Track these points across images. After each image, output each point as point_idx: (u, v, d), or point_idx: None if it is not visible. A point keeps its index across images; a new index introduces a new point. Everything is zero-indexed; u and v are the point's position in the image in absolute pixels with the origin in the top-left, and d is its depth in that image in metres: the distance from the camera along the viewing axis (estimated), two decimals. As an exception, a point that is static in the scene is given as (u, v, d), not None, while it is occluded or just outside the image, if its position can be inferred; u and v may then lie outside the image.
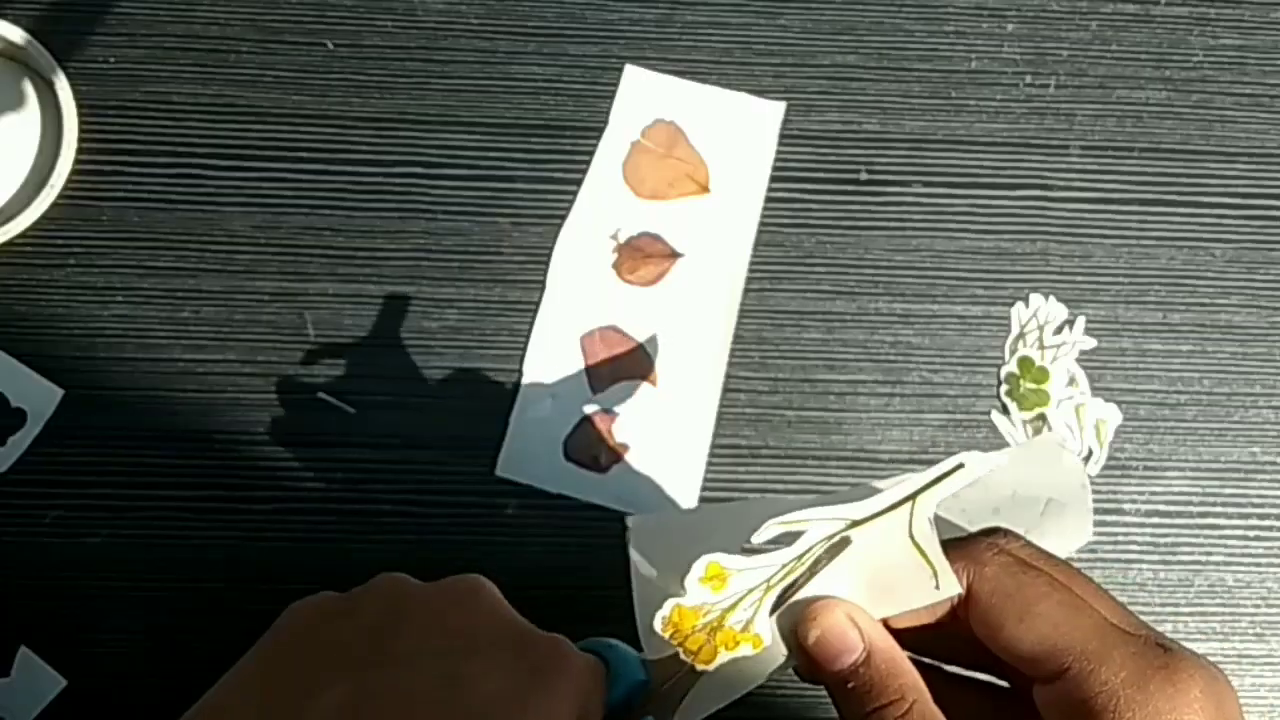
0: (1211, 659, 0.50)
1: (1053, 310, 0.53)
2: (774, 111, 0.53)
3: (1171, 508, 0.52)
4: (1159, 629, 0.51)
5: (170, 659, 0.48)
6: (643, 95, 0.53)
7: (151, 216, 0.51)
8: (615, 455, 0.50)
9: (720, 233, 0.52)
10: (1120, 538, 0.51)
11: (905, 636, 0.32)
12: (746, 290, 0.52)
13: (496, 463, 0.50)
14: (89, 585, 0.49)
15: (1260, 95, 0.55)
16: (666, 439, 0.51)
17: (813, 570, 0.31)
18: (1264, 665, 0.51)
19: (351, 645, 0.28)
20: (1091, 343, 0.52)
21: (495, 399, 0.50)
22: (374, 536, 0.49)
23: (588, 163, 0.52)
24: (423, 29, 0.53)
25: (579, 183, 0.52)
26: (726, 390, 0.51)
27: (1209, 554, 0.51)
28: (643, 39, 0.54)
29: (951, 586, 0.30)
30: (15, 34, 0.50)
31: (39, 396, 0.49)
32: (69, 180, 0.50)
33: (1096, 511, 0.51)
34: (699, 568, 0.30)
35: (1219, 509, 0.52)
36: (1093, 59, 0.55)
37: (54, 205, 0.50)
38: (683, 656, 0.32)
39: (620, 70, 0.53)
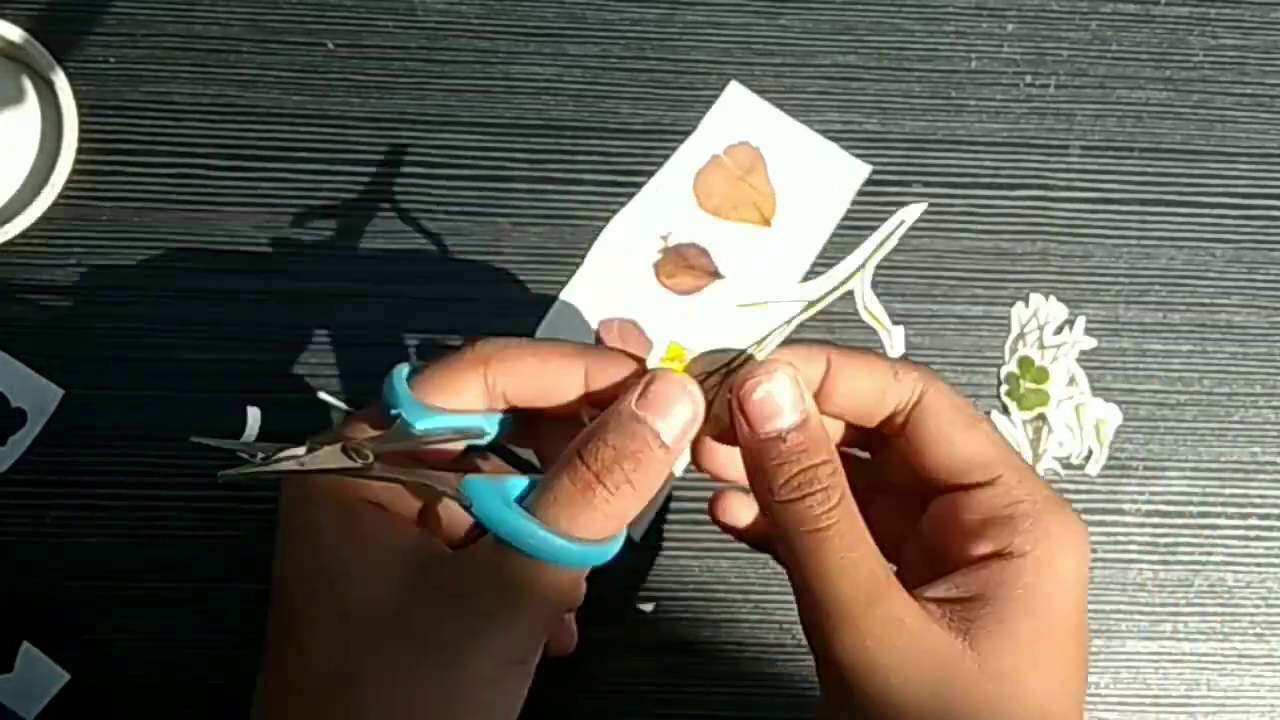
0: (1211, 659, 0.50)
1: (1053, 310, 0.53)
2: (858, 171, 0.53)
3: (1171, 508, 0.52)
4: (1159, 629, 0.51)
5: (170, 657, 0.48)
6: (738, 113, 0.53)
7: (151, 216, 0.51)
8: None
9: (767, 270, 0.52)
10: (1120, 538, 0.51)
11: None
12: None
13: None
14: (89, 584, 0.49)
15: (1260, 95, 0.55)
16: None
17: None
18: (1264, 665, 0.51)
19: (297, 545, 0.34)
20: (1091, 343, 0.52)
21: (495, 399, 0.50)
22: (374, 536, 0.49)
23: (588, 163, 0.52)
24: (423, 29, 0.53)
25: (579, 183, 0.52)
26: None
27: (1209, 554, 0.51)
28: (643, 39, 0.54)
29: (899, 347, 0.33)
30: (14, 33, 0.50)
31: (39, 396, 0.49)
32: (69, 180, 0.50)
33: (1096, 511, 0.51)
34: (660, 349, 0.34)
35: (1219, 509, 0.52)
36: (1093, 59, 0.55)
37: (54, 205, 0.50)
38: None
39: (619, 70, 0.53)
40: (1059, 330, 0.53)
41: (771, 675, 0.50)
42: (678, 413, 0.31)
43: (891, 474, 0.35)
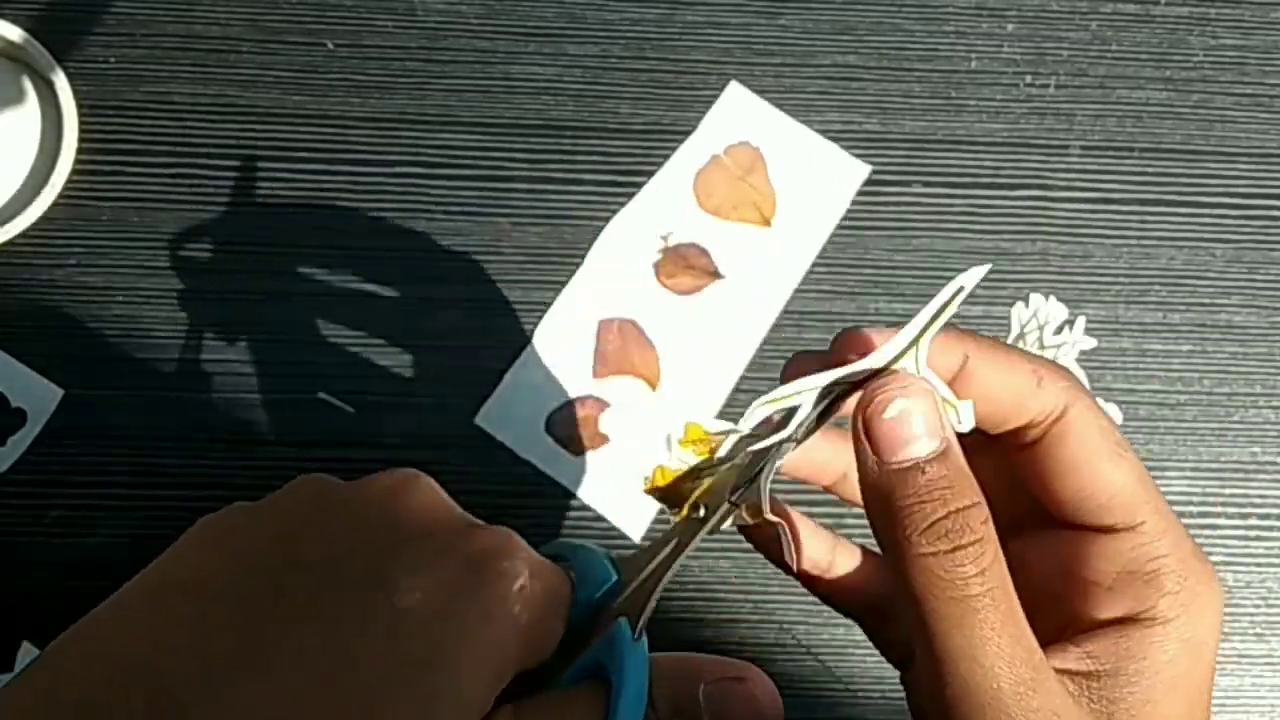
0: (1211, 659, 0.50)
1: (1053, 310, 0.53)
2: (858, 171, 0.53)
3: (1171, 508, 0.52)
4: (1159, 629, 0.51)
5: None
6: (738, 113, 0.53)
7: (151, 216, 0.51)
8: (593, 443, 0.50)
9: (767, 269, 0.52)
10: (1120, 538, 0.51)
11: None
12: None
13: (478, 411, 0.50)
14: (89, 584, 0.49)
15: (1260, 95, 0.55)
16: (649, 444, 0.51)
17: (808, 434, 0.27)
18: (1264, 665, 0.51)
19: (258, 555, 0.24)
20: (1091, 343, 0.52)
21: (495, 399, 0.51)
22: (374, 536, 0.49)
23: (588, 163, 0.52)
24: (423, 29, 0.53)
25: (579, 183, 0.52)
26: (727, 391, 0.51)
27: (1209, 554, 0.51)
28: (643, 39, 0.54)
29: (969, 421, 0.26)
30: (14, 33, 0.50)
31: (39, 396, 0.49)
32: (69, 180, 0.50)
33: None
34: (678, 429, 0.28)
35: (1219, 509, 0.52)
36: (1093, 59, 0.55)
37: (54, 205, 0.50)
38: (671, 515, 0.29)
39: (619, 70, 0.53)
40: (1059, 330, 0.53)
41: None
42: None
43: (991, 490, 0.27)
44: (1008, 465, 0.28)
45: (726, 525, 0.28)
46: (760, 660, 0.50)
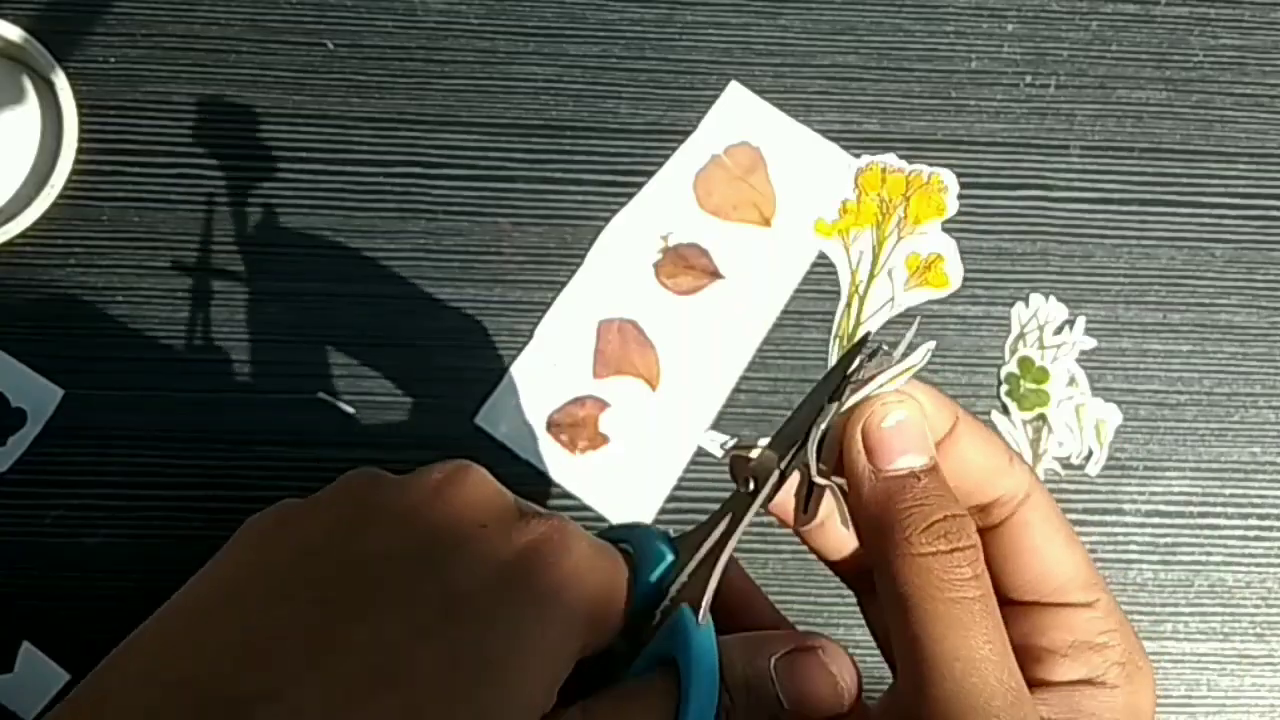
0: (1211, 659, 0.50)
1: (1053, 310, 0.53)
2: None
3: (1171, 508, 0.52)
4: (1159, 629, 0.51)
5: (170, 659, 0.48)
6: (738, 114, 0.53)
7: (151, 216, 0.51)
8: (593, 443, 0.50)
9: (767, 269, 0.52)
10: (1120, 538, 0.51)
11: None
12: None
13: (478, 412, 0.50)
14: (89, 584, 0.49)
15: (1260, 95, 0.55)
16: (649, 444, 0.51)
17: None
18: (1264, 665, 0.51)
19: (310, 555, 0.24)
20: (1091, 343, 0.52)
21: (495, 399, 0.51)
22: (374, 536, 0.49)
23: (588, 163, 0.52)
24: (423, 29, 0.53)
25: (579, 183, 0.52)
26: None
27: (1209, 554, 0.51)
28: (643, 39, 0.54)
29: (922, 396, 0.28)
30: (14, 33, 0.50)
31: (39, 396, 0.49)
32: (69, 180, 0.50)
33: (1096, 511, 0.51)
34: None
35: (1219, 509, 0.52)
36: (1093, 59, 0.55)
37: (54, 205, 0.50)
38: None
39: (619, 70, 0.53)
40: (1059, 330, 0.53)
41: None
42: None
43: None
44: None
45: (780, 496, 0.28)
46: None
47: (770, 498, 0.28)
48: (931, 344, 0.28)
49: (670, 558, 0.27)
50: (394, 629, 0.22)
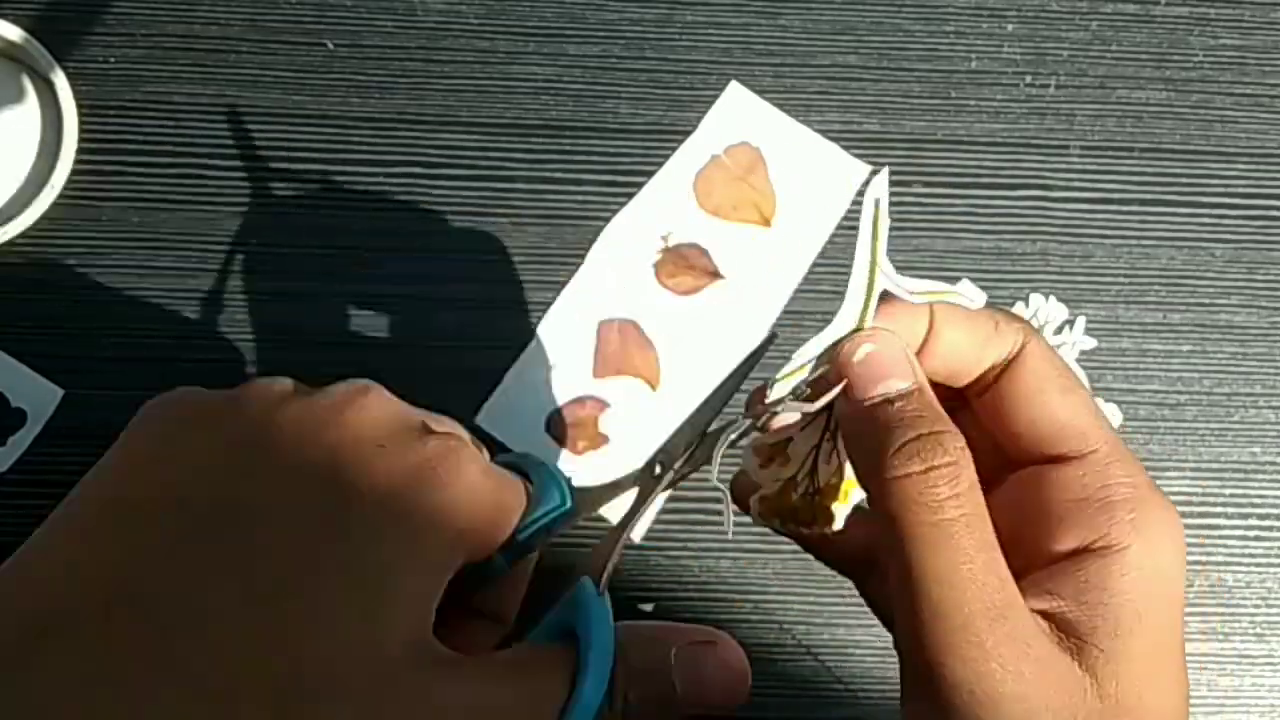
0: (1211, 659, 0.50)
1: (1053, 310, 0.53)
2: (858, 171, 0.53)
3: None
4: (1159, 629, 0.51)
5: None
6: (738, 113, 0.53)
7: (152, 216, 0.51)
8: (593, 443, 0.50)
9: (767, 270, 0.52)
10: (1120, 538, 0.51)
11: None
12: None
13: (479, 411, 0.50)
14: (89, 585, 0.49)
15: (1260, 95, 0.55)
16: (649, 444, 0.50)
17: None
18: (1264, 665, 0.51)
19: (206, 467, 0.25)
20: (1091, 343, 0.52)
21: (495, 399, 0.50)
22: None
23: (588, 163, 0.52)
24: (423, 29, 0.53)
25: (579, 183, 0.52)
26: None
27: (1209, 554, 0.51)
28: (643, 39, 0.54)
29: (979, 296, 0.29)
30: (14, 33, 0.50)
31: (39, 396, 0.49)
32: (69, 180, 0.50)
33: (1096, 511, 0.51)
34: (751, 461, 0.30)
35: (1219, 509, 0.52)
36: (1093, 59, 0.55)
37: (54, 205, 0.50)
38: (805, 533, 0.30)
39: (619, 70, 0.53)
40: (1059, 330, 0.53)
41: (772, 675, 0.50)
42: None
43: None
44: (973, 423, 0.29)
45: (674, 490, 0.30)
46: (760, 660, 0.50)
47: (672, 485, 0.30)
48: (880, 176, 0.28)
49: (566, 505, 0.29)
50: (278, 545, 0.24)
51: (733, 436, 0.28)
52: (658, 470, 0.30)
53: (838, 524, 0.30)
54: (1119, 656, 0.25)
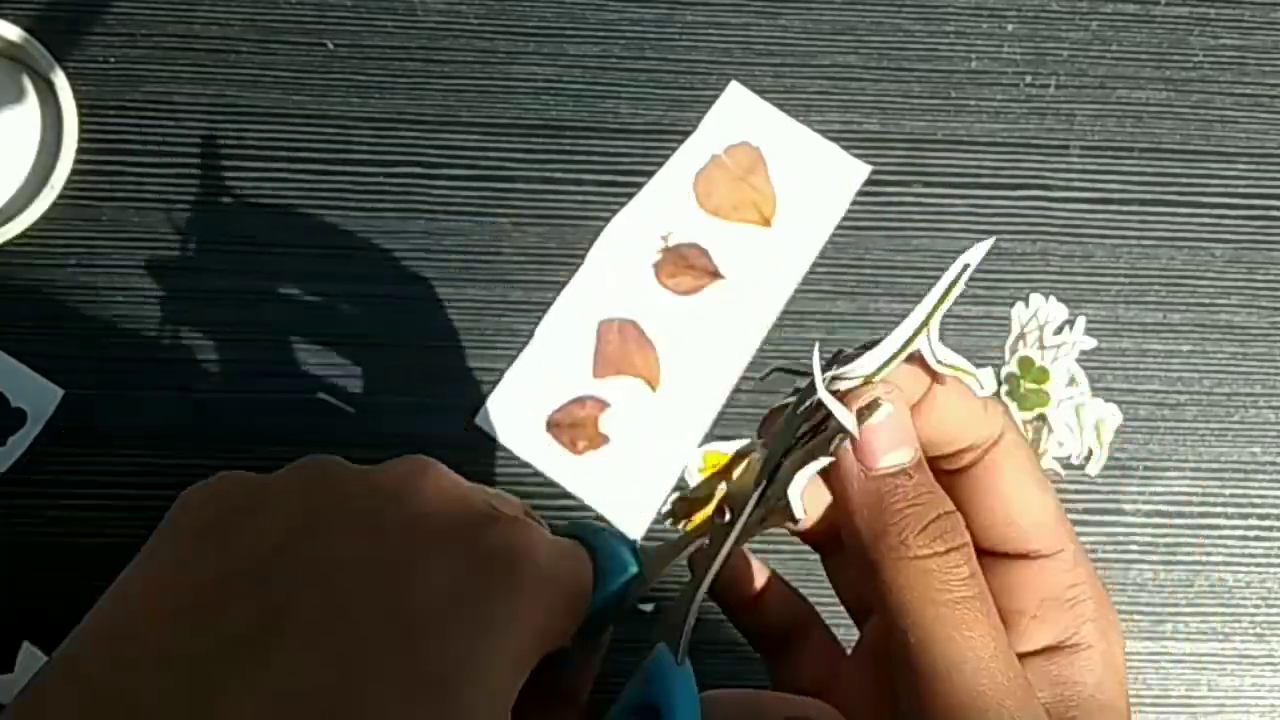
0: (1212, 659, 0.50)
1: (1053, 310, 0.53)
2: (858, 171, 0.53)
3: (1171, 508, 0.52)
4: (1159, 629, 0.51)
5: (170, 659, 0.48)
6: (738, 114, 0.53)
7: (151, 216, 0.51)
8: (593, 443, 0.50)
9: (767, 269, 0.52)
10: (1120, 538, 0.51)
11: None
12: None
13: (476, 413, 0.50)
14: (89, 585, 0.48)
15: (1260, 95, 0.55)
16: (649, 444, 0.51)
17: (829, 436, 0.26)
18: (1264, 665, 0.51)
19: (257, 556, 0.23)
20: (1091, 343, 0.52)
21: (495, 399, 0.50)
22: (374, 536, 0.49)
23: (588, 163, 0.52)
24: (423, 29, 0.53)
25: (579, 183, 0.52)
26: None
27: (1209, 554, 0.51)
28: (643, 39, 0.54)
29: (990, 384, 0.27)
30: (14, 33, 0.50)
31: (39, 396, 0.49)
32: (69, 180, 0.50)
33: (1096, 511, 0.51)
34: (696, 460, 0.28)
35: (1219, 509, 0.52)
36: (1093, 59, 0.55)
37: (54, 205, 0.50)
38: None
39: (619, 70, 0.53)
40: (1059, 330, 0.53)
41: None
42: None
43: None
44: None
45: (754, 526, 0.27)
46: (757, 662, 0.49)
47: (751, 533, 0.26)
48: (986, 244, 0.27)
49: (634, 570, 0.27)
50: (342, 655, 0.21)
51: (812, 471, 0.25)
52: (727, 516, 0.27)
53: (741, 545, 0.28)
54: None
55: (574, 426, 0.50)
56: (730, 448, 0.27)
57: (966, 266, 0.26)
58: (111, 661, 0.22)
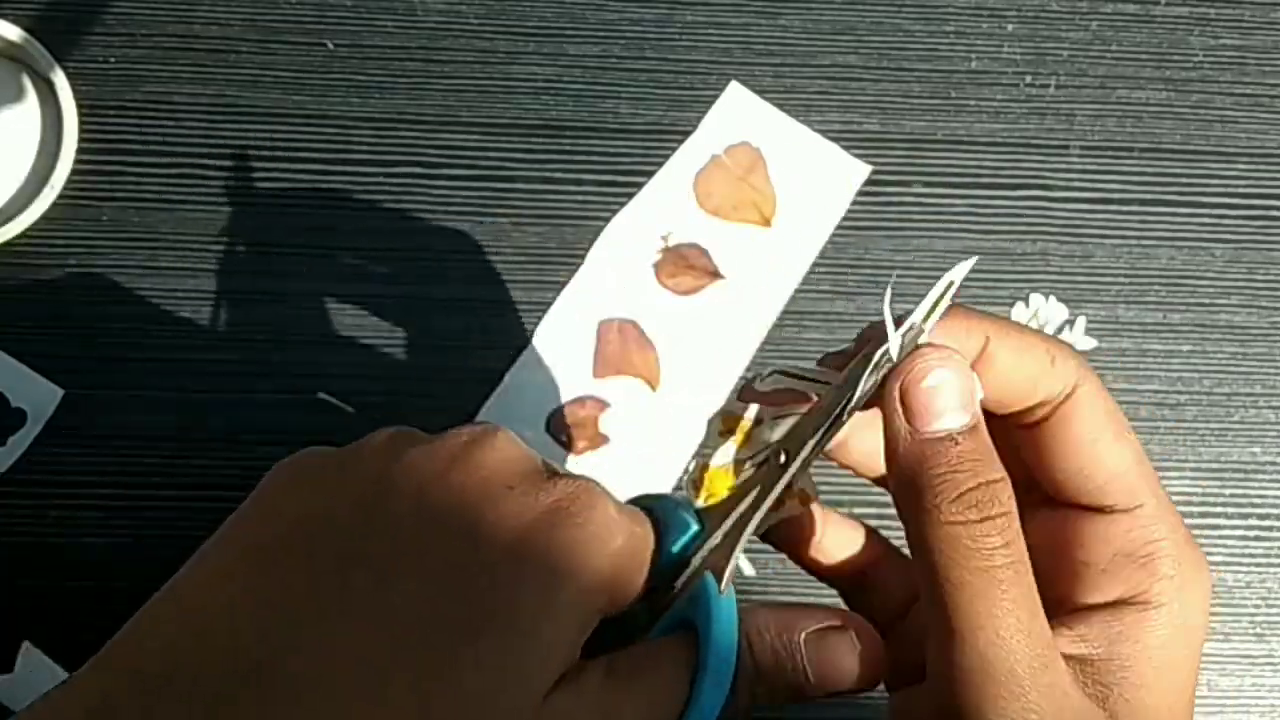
0: (1211, 659, 0.50)
1: (1053, 310, 0.53)
2: (858, 171, 0.53)
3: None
4: (1159, 629, 0.51)
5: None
6: (738, 114, 0.53)
7: (151, 216, 0.51)
8: (593, 444, 0.50)
9: (767, 270, 0.52)
10: (1120, 538, 0.51)
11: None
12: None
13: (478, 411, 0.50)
14: (89, 584, 0.49)
15: (1260, 95, 0.55)
16: (649, 444, 0.51)
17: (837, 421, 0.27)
18: (1264, 665, 0.51)
19: (341, 512, 0.25)
20: (1092, 343, 0.52)
21: (495, 399, 0.50)
22: (374, 536, 0.49)
23: (588, 163, 0.52)
24: (423, 29, 0.53)
25: (579, 183, 0.52)
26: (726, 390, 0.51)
27: (1209, 554, 0.51)
28: (643, 39, 0.54)
29: (980, 391, 0.27)
30: (14, 33, 0.50)
31: (39, 396, 0.49)
32: (69, 180, 0.50)
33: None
34: (715, 422, 0.29)
35: (1219, 509, 0.52)
36: (1093, 59, 0.55)
37: (54, 205, 0.50)
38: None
39: (619, 70, 0.53)
40: (1059, 330, 0.53)
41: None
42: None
43: None
44: (1009, 445, 0.28)
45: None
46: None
47: (800, 471, 0.27)
48: (968, 262, 0.27)
49: (695, 528, 0.27)
50: (417, 594, 0.23)
51: (854, 403, 0.26)
52: (783, 459, 0.27)
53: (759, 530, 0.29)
54: (1143, 708, 0.25)
55: (574, 426, 0.50)
56: (739, 407, 0.29)
57: (951, 284, 0.27)
58: (209, 592, 0.24)
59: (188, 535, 0.51)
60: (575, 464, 0.50)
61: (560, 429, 0.50)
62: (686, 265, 0.52)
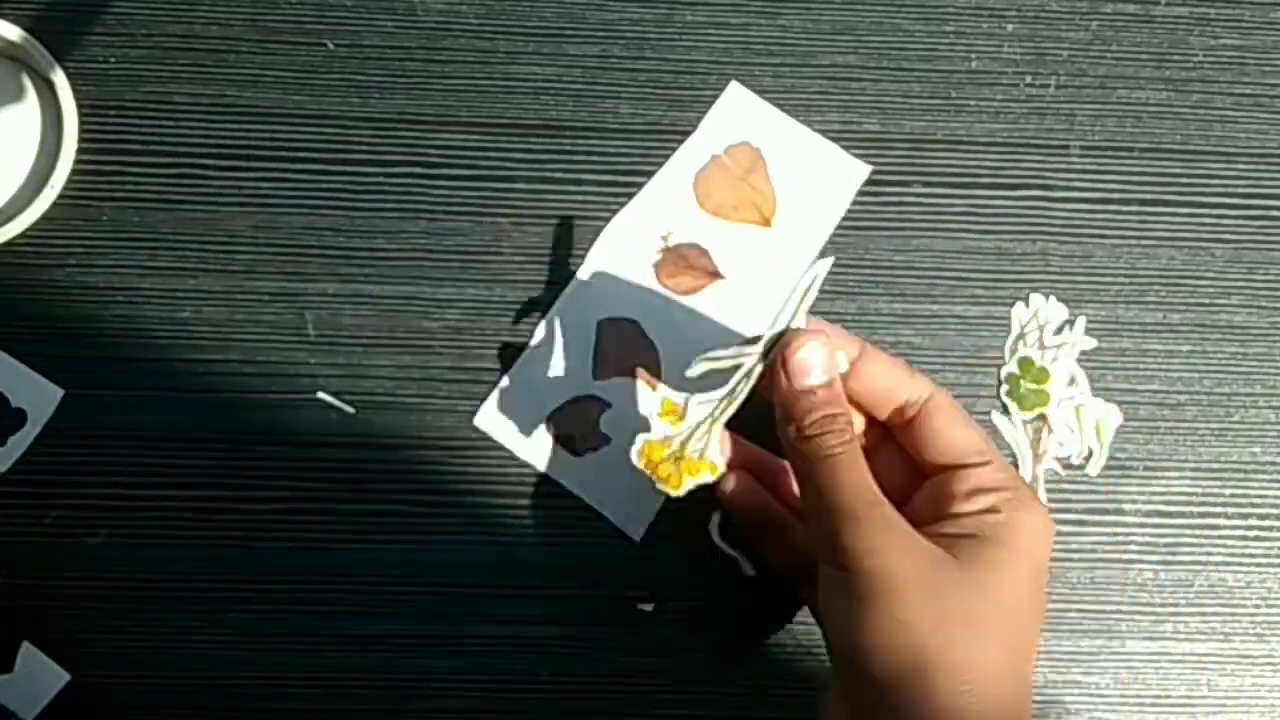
0: (1212, 659, 0.50)
1: (1053, 310, 0.53)
2: (858, 171, 0.53)
3: (1171, 508, 0.52)
4: (1159, 629, 0.51)
5: (169, 657, 0.48)
6: (738, 113, 0.53)
7: (151, 216, 0.51)
8: (594, 444, 0.50)
9: (767, 270, 0.52)
10: (1120, 538, 0.51)
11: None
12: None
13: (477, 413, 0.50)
14: (89, 584, 0.49)
15: (1260, 95, 0.55)
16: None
17: (746, 400, 0.42)
18: (1264, 665, 0.51)
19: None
20: (1092, 343, 0.53)
21: (495, 399, 0.50)
22: (374, 536, 0.49)
23: (588, 163, 0.52)
24: (423, 29, 0.53)
25: (579, 183, 0.52)
26: (726, 390, 0.51)
27: (1209, 554, 0.52)
28: (643, 39, 0.54)
29: (844, 363, 0.42)
30: (14, 33, 0.50)
31: (39, 396, 0.49)
32: (69, 180, 0.50)
33: (1096, 511, 0.51)
34: (656, 404, 0.42)
35: (1219, 509, 0.52)
36: (1093, 59, 0.55)
37: (54, 205, 0.50)
38: (658, 486, 0.43)
39: (619, 70, 0.53)
40: (1059, 330, 0.53)
41: (771, 675, 0.50)
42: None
43: (892, 471, 0.43)
44: (896, 451, 0.43)
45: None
46: (760, 657, 0.50)
47: (718, 420, 0.43)
48: (827, 261, 0.41)
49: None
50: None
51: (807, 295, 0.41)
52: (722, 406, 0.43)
53: (681, 491, 0.43)
54: (981, 555, 0.38)
55: (574, 426, 0.51)
56: (678, 396, 0.42)
57: (815, 278, 0.41)
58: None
59: (188, 535, 0.52)
60: (575, 464, 0.50)
61: (560, 429, 0.50)
62: (686, 265, 0.52)
